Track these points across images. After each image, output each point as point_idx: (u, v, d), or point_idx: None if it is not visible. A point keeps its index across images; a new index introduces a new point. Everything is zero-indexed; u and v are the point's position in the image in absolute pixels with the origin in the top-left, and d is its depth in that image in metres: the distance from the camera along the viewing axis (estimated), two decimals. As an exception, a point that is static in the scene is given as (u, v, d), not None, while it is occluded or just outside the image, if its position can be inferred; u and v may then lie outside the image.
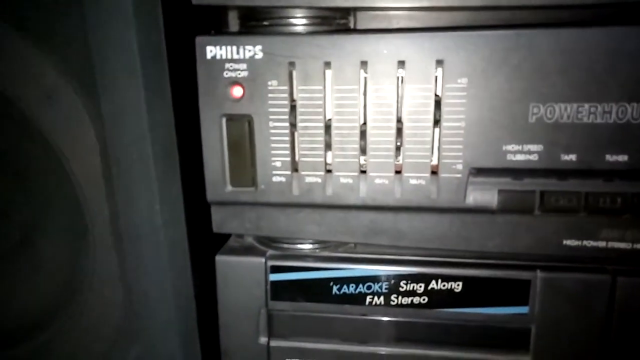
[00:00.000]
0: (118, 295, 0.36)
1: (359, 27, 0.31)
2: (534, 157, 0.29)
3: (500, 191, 0.30)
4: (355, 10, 0.31)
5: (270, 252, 0.35)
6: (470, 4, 0.28)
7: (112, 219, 0.34)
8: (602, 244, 0.30)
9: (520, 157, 0.29)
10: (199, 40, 0.30)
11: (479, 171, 0.30)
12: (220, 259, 0.34)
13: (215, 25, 0.33)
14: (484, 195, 0.30)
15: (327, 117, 0.30)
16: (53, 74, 0.33)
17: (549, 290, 0.31)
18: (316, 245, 0.35)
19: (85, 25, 0.30)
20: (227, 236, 0.37)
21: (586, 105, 0.28)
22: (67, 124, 0.33)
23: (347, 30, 0.31)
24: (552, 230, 0.30)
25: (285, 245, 0.35)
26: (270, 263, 0.34)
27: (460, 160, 0.30)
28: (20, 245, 0.38)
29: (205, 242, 0.37)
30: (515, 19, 0.29)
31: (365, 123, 0.30)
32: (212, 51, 0.30)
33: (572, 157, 0.29)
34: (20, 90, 0.33)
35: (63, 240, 0.36)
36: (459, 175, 0.30)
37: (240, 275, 0.34)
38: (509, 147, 0.29)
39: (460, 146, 0.29)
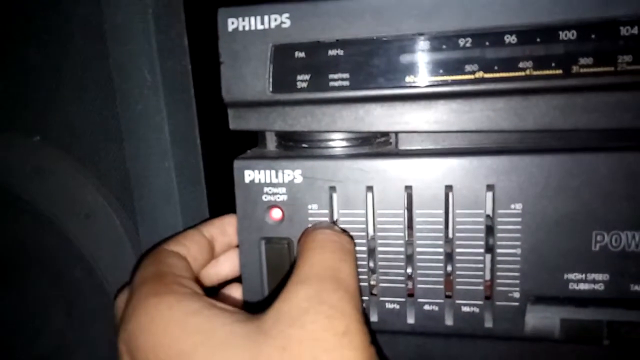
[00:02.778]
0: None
1: (401, 145, 0.30)
2: (599, 287, 0.27)
3: (562, 320, 0.27)
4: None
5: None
6: (524, 128, 0.26)
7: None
8: (683, 384, 0.27)
9: (584, 287, 0.27)
10: (237, 164, 0.30)
11: (538, 299, 0.28)
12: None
13: (252, 139, 0.33)
14: (544, 323, 0.28)
15: (370, 241, 0.29)
16: (92, 193, 0.33)
17: None
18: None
19: (124, 151, 0.30)
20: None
21: (657, 234, 0.25)
22: (105, 244, 0.33)
23: (389, 153, 0.29)
24: (623, 362, 0.28)
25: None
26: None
27: (517, 288, 0.28)
28: (53, 357, 0.37)
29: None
30: (571, 136, 0.27)
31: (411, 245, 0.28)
32: (251, 175, 0.30)
33: (644, 288, 0.26)
34: (59, 211, 0.33)
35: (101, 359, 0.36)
36: (515, 304, 0.28)
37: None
38: (571, 276, 0.27)
39: (517, 274, 0.27)
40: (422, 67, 0.26)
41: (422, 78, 0.26)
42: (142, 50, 0.26)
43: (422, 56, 0.26)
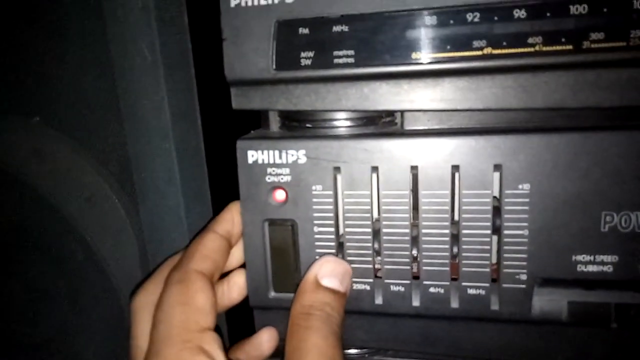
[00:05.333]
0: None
1: (407, 125, 0.29)
2: (608, 269, 0.26)
3: (570, 303, 0.27)
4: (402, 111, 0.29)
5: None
6: (533, 106, 0.25)
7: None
8: (693, 366, 0.26)
9: (592, 269, 0.26)
10: (240, 144, 0.29)
11: (546, 281, 0.27)
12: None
13: (255, 120, 0.32)
14: (552, 306, 0.27)
15: (375, 222, 0.29)
16: (92, 175, 0.32)
17: (631, 415, 0.28)
18: (364, 350, 0.33)
19: (124, 131, 0.30)
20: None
21: (668, 214, 0.25)
22: (106, 226, 0.33)
23: (394, 133, 0.29)
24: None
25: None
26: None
27: (524, 270, 0.27)
28: (55, 342, 0.37)
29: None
30: (580, 115, 0.27)
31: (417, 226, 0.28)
32: (254, 156, 0.29)
33: (653, 269, 0.26)
34: (59, 193, 0.33)
35: (103, 343, 0.35)
36: (522, 286, 0.27)
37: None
38: (580, 258, 0.26)
39: (524, 255, 0.27)
40: (429, 43, 0.25)
41: (429, 54, 0.25)
42: (141, 27, 0.25)
43: (428, 32, 0.25)
